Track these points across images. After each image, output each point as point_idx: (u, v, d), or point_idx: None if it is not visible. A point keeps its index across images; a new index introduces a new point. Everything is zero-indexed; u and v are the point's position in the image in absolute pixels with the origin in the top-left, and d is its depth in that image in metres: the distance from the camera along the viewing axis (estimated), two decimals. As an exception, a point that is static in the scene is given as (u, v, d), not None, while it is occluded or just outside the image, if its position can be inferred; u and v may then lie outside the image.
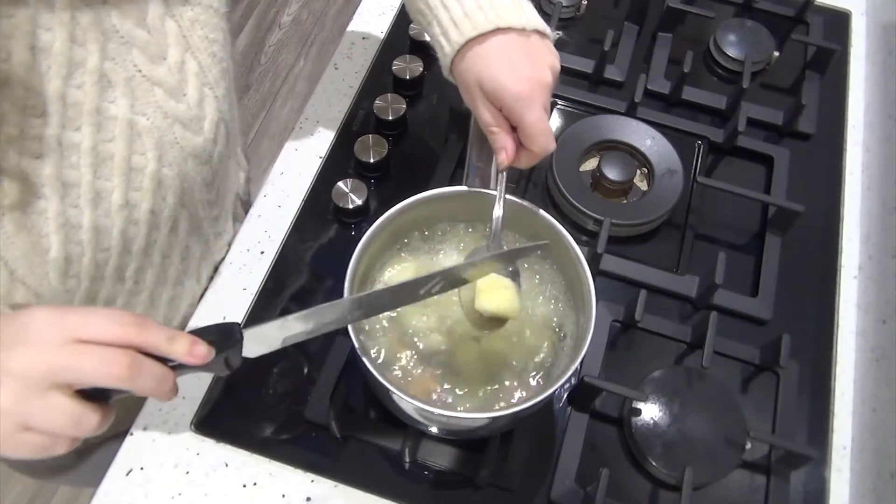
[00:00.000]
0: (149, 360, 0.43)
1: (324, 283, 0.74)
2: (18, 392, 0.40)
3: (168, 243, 0.62)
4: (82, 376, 0.41)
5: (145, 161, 0.54)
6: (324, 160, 0.82)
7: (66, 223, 0.50)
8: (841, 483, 0.68)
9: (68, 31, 0.46)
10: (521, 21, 0.57)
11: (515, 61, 0.56)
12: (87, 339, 0.42)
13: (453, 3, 0.57)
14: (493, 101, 0.57)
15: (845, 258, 0.80)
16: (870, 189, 0.83)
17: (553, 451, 0.66)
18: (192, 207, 0.63)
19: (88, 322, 0.42)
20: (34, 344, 0.41)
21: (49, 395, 0.41)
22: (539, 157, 0.58)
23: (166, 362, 0.45)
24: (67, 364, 0.41)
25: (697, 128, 0.86)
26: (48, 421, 0.41)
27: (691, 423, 0.66)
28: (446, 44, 0.58)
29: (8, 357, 0.41)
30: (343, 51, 0.91)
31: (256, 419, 0.67)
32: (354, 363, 0.68)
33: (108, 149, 0.51)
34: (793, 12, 0.95)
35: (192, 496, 0.64)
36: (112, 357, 0.41)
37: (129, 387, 0.43)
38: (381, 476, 0.65)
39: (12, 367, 0.41)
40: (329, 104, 0.86)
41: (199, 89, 0.58)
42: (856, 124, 0.89)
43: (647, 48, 0.93)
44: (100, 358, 0.41)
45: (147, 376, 0.43)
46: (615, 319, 0.73)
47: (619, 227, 0.76)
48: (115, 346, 0.42)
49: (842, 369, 0.73)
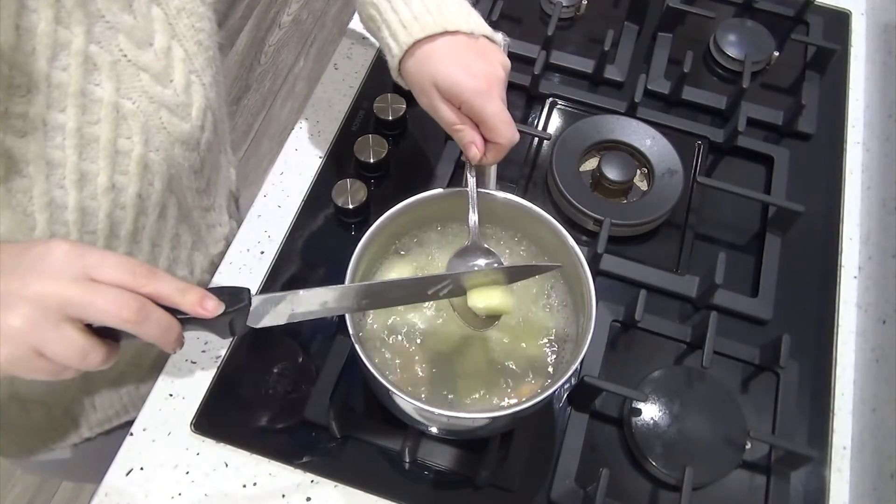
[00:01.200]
0: (158, 309, 0.44)
1: (324, 283, 0.74)
2: (34, 317, 0.41)
3: (157, 230, 0.63)
4: (93, 314, 0.42)
5: (131, 144, 0.54)
6: (324, 160, 0.82)
7: (51, 202, 0.51)
8: (841, 483, 0.68)
9: (53, 13, 0.47)
10: (468, 26, 0.59)
11: (468, 59, 0.57)
12: (102, 281, 0.43)
13: (402, 7, 0.59)
14: (451, 99, 0.57)
15: (845, 258, 0.80)
16: (870, 189, 0.83)
17: (553, 451, 0.66)
18: (180, 194, 0.64)
19: (105, 264, 0.43)
20: (51, 275, 0.42)
21: (61, 326, 0.42)
22: (506, 149, 0.58)
23: (175, 315, 0.46)
24: (81, 299, 0.42)
25: (697, 128, 0.86)
26: (59, 351, 0.42)
27: (691, 423, 0.66)
28: (395, 45, 0.59)
29: (24, 284, 0.41)
30: (343, 51, 0.91)
31: (256, 419, 0.67)
32: (354, 363, 0.68)
33: (93, 131, 0.52)
34: (793, 12, 0.95)
35: (192, 496, 0.64)
36: (123, 300, 0.42)
37: (137, 331, 0.43)
38: (381, 476, 0.65)
39: (28, 293, 0.41)
40: (329, 104, 0.86)
41: (185, 76, 0.58)
42: (855, 124, 0.89)
43: (647, 48, 0.93)
44: (112, 299, 0.42)
45: (154, 323, 0.44)
46: (615, 319, 0.73)
47: (619, 227, 0.76)
48: (127, 291, 0.43)
49: (842, 369, 0.73)
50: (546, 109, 0.86)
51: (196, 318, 0.46)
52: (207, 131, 0.64)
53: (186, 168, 0.62)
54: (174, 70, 0.57)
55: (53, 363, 0.43)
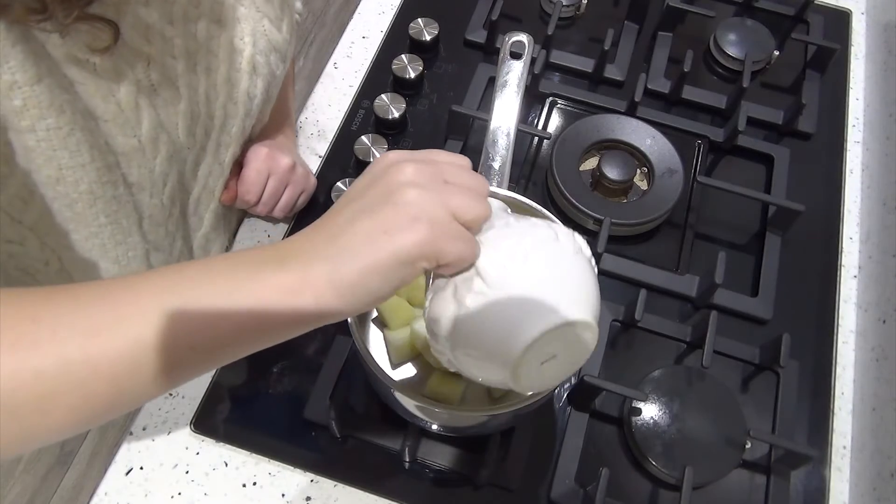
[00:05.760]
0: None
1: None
2: (425, 192, 0.38)
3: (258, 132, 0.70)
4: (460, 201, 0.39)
5: (243, 45, 0.61)
6: (324, 159, 0.82)
7: (189, 84, 0.57)
8: (841, 483, 0.68)
9: None
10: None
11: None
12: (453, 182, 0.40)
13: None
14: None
15: (845, 258, 0.80)
16: (870, 188, 0.83)
17: (553, 451, 0.66)
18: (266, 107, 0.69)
19: (450, 166, 0.41)
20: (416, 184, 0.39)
21: (446, 189, 0.39)
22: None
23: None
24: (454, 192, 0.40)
25: (697, 127, 0.85)
26: (462, 203, 0.39)
27: (691, 423, 0.66)
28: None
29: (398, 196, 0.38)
30: (343, 50, 0.91)
31: (256, 419, 0.67)
32: (354, 363, 0.68)
33: (215, 29, 0.58)
34: (793, 11, 0.95)
35: (192, 496, 0.64)
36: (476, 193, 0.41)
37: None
38: (381, 476, 0.65)
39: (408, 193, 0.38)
40: (329, 103, 0.86)
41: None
42: (856, 123, 0.89)
43: (647, 47, 0.93)
44: (468, 195, 0.40)
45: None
46: (615, 319, 0.73)
47: (619, 227, 0.76)
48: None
49: (842, 369, 0.73)
50: (546, 109, 0.86)
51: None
52: (293, 46, 0.69)
53: (277, 77, 0.67)
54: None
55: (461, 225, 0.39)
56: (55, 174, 0.48)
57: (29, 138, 0.46)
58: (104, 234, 0.55)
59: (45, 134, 0.46)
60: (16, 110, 0.44)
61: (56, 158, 0.47)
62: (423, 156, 0.41)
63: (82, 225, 0.53)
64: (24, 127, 0.45)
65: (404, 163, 0.39)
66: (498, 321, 0.40)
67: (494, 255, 0.41)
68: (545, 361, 0.42)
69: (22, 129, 0.45)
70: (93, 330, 0.34)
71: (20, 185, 0.48)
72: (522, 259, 0.41)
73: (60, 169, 0.48)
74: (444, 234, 0.38)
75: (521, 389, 0.43)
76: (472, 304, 0.40)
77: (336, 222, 0.38)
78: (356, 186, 0.40)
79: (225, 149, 0.65)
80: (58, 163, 0.48)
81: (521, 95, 0.57)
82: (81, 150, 0.48)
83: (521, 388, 0.43)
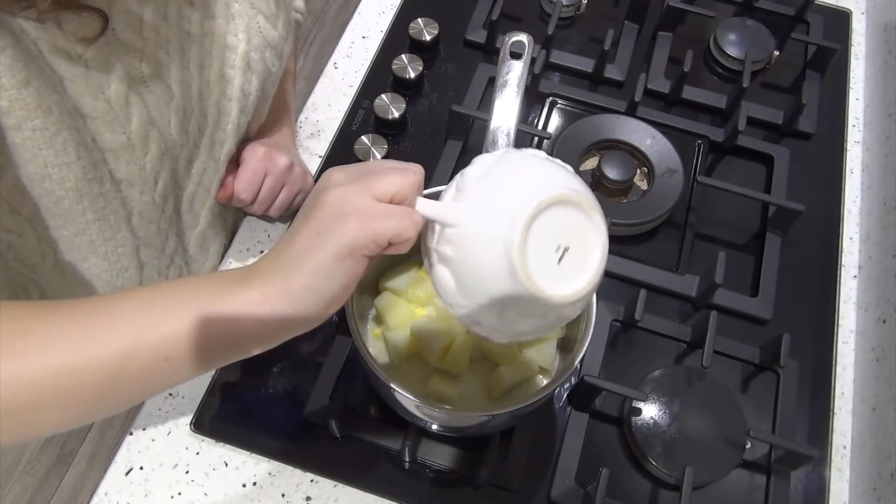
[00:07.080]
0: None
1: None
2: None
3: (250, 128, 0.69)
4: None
5: (237, 42, 0.61)
6: (324, 159, 0.82)
7: (182, 80, 0.57)
8: (841, 483, 0.68)
9: None
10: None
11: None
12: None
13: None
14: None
15: (845, 258, 0.80)
16: (870, 188, 0.83)
17: (553, 451, 0.66)
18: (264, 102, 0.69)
19: (383, 179, 0.42)
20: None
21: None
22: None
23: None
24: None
25: (697, 127, 0.85)
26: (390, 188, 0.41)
27: (691, 423, 0.66)
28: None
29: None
30: (343, 50, 0.91)
31: (256, 419, 0.67)
32: (354, 363, 0.68)
33: (209, 25, 0.59)
34: (793, 11, 0.95)
35: (192, 496, 0.64)
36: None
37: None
38: (381, 476, 0.65)
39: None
40: (329, 103, 0.86)
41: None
42: (856, 123, 0.89)
43: (647, 47, 0.93)
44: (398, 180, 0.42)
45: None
46: (615, 319, 0.73)
47: (619, 227, 0.76)
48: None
49: (842, 368, 0.73)
50: (546, 109, 0.86)
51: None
52: (289, 43, 0.69)
53: (273, 74, 0.67)
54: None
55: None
56: (41, 172, 0.49)
57: (15, 136, 0.46)
58: (92, 230, 0.55)
59: (31, 133, 0.46)
60: (2, 110, 0.44)
61: (41, 157, 0.48)
62: (358, 165, 0.44)
63: (70, 221, 0.53)
64: (11, 125, 0.45)
65: (332, 171, 0.42)
66: (485, 241, 0.39)
67: (449, 202, 0.42)
68: (561, 258, 0.41)
69: (9, 126, 0.45)
70: (79, 343, 0.39)
71: (17, 176, 0.48)
72: (477, 180, 0.41)
73: (46, 167, 0.48)
74: (371, 217, 0.40)
75: (550, 298, 0.40)
76: (453, 251, 0.40)
77: (285, 240, 0.42)
78: (302, 206, 0.44)
79: (220, 146, 0.65)
80: (43, 161, 0.48)
81: (521, 95, 0.57)
82: (67, 149, 0.48)
83: (548, 295, 0.39)
